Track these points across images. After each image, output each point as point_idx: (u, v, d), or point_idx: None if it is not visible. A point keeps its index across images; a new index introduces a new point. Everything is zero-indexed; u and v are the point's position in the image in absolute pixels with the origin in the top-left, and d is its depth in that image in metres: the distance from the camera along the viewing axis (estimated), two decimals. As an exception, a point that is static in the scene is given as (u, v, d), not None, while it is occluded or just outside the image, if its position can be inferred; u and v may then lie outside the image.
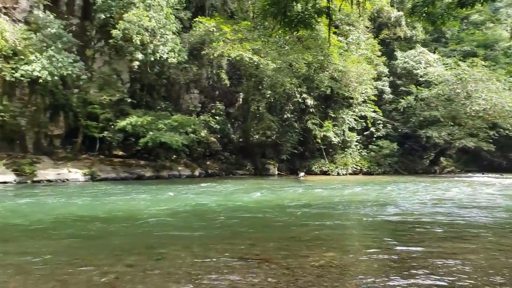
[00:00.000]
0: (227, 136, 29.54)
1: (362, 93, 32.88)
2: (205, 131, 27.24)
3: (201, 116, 27.96)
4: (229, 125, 29.91)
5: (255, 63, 25.53)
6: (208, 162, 28.15)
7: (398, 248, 6.54)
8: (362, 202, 13.65)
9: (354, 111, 34.09)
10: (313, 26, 10.76)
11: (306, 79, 29.81)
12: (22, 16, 22.35)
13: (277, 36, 25.40)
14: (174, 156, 26.21)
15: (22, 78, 20.04)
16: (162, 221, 9.49)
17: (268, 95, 29.07)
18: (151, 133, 22.20)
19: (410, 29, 38.98)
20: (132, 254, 6.01)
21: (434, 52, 39.91)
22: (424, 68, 36.13)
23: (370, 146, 35.37)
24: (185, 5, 26.94)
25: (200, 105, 29.91)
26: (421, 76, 36.10)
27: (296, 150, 30.84)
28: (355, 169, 33.05)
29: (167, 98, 27.84)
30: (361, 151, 35.01)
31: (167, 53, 23.11)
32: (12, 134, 21.45)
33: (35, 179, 19.51)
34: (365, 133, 35.75)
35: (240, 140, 30.64)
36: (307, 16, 10.12)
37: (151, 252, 6.20)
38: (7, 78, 20.07)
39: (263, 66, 25.80)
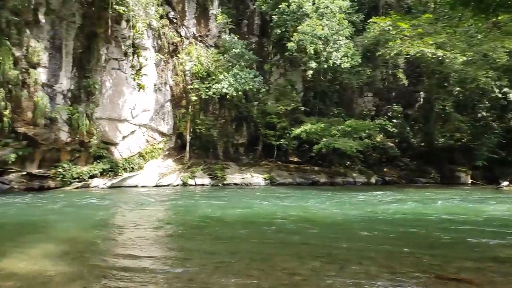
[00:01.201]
0: (406, 140, 27.15)
1: None
2: (381, 135, 25.68)
3: (376, 120, 26.50)
4: (408, 128, 27.46)
5: (439, 58, 22.66)
6: (385, 169, 26.41)
7: None
8: None
9: None
10: (519, 7, 8.56)
11: (507, 70, 24.73)
12: (213, 41, 25.83)
13: (466, 25, 21.89)
14: (348, 162, 25.57)
15: (213, 96, 23.00)
16: (344, 227, 9.24)
17: (455, 92, 25.42)
18: (324, 139, 22.21)
19: None
20: (316, 259, 6.07)
21: None
22: None
23: None
24: (357, 7, 26.18)
25: (375, 108, 28.46)
26: None
27: (495, 154, 25.79)
28: None
29: (340, 103, 27.49)
30: None
31: (340, 59, 22.80)
32: (207, 144, 24.90)
33: (225, 182, 22.04)
34: None
35: (422, 144, 27.75)
36: (511, -3, 8.08)
37: (334, 258, 6.18)
38: (203, 96, 23.37)
39: (449, 61, 22.70)
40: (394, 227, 9.32)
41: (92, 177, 19.54)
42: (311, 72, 22.87)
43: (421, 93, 28.33)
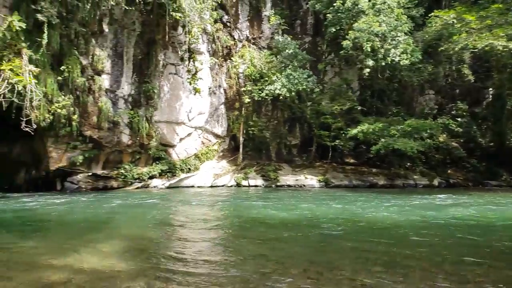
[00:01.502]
0: (473, 140, 25.29)
1: None
2: (444, 135, 24.06)
3: (438, 119, 24.91)
4: (475, 127, 25.50)
5: (512, 51, 20.80)
6: (449, 171, 24.75)
7: None
8: None
9: None
10: None
11: None
12: (266, 43, 25.86)
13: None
14: (409, 163, 24.30)
15: (266, 97, 23.00)
16: (403, 232, 8.71)
17: (531, 87, 23.17)
18: (383, 140, 21.27)
19: None
20: (376, 265, 5.88)
21: None
22: None
23: None
24: (416, 1, 24.83)
25: (437, 106, 26.82)
26: None
27: None
28: None
29: (399, 102, 26.22)
30: None
31: (399, 56, 21.72)
32: (260, 145, 24.96)
33: (278, 184, 21.89)
34: None
35: (491, 144, 25.61)
36: None
37: (395, 264, 5.92)
38: (256, 98, 23.47)
39: (523, 53, 20.73)
40: (456, 233, 8.67)
41: (151, 177, 20.36)
42: (368, 70, 22.01)
43: (490, 89, 26.21)
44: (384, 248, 7.09)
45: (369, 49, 21.24)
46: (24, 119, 13.87)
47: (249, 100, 23.60)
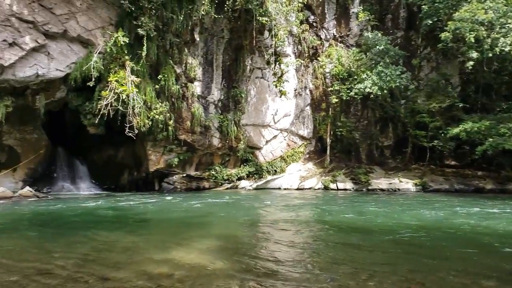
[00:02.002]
0: None
1: None
2: None
3: None
4: None
5: None
6: None
7: None
8: None
9: None
10: None
11: None
12: (354, 41, 24.87)
13: None
14: (524, 166, 21.26)
15: (355, 96, 22.05)
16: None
17: None
18: (490, 139, 18.91)
19: None
20: (490, 279, 5.26)
21: None
22: None
23: None
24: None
25: (560, 101, 22.99)
26: None
27: None
28: None
29: (510, 97, 23.08)
30: None
31: (510, 45, 19.17)
32: (348, 147, 24.03)
33: (369, 187, 20.81)
34: None
35: None
36: None
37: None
38: (344, 98, 22.68)
39: None
40: None
41: (239, 179, 20.92)
42: (471, 63, 19.76)
43: None
44: (491, 261, 6.28)
45: (472, 40, 19.08)
46: (127, 125, 15.19)
47: (336, 100, 22.90)
